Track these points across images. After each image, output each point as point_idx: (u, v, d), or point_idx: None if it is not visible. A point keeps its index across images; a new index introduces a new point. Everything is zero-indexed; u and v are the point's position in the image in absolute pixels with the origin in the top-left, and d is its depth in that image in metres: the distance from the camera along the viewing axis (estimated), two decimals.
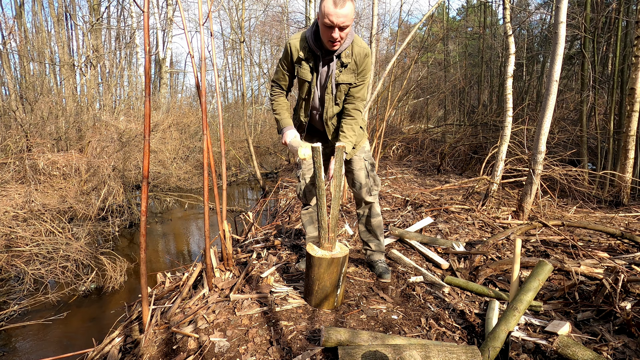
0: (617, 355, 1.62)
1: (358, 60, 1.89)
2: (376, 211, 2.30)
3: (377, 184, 2.24)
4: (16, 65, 9.10)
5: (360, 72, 1.92)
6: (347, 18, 1.69)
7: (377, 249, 2.41)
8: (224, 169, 2.38)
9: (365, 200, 2.23)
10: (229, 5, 10.70)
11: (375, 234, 2.36)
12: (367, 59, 1.90)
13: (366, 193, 2.21)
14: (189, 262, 4.58)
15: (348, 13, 1.68)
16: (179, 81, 20.73)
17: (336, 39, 1.75)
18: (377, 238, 2.38)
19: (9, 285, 3.93)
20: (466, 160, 8.51)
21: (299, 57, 1.93)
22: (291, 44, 1.93)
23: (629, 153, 5.08)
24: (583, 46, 6.44)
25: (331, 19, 1.68)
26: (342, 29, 1.73)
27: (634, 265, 2.55)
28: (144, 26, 1.67)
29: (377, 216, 2.31)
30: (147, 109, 1.74)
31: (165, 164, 7.87)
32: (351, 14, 1.69)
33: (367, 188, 2.20)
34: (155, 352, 1.76)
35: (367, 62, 1.91)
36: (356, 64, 1.90)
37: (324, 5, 1.70)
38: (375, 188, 2.24)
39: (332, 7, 1.67)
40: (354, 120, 1.98)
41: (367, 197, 2.22)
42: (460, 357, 1.47)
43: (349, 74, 1.92)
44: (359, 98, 1.98)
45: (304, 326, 1.78)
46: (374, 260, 2.41)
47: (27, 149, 5.90)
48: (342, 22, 1.69)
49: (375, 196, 2.26)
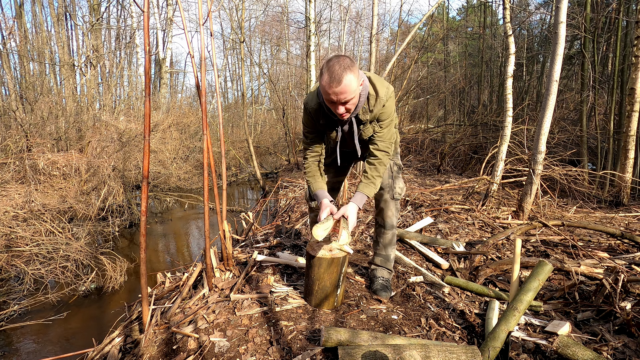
0: (617, 355, 1.62)
1: (377, 111, 1.78)
2: (392, 222, 2.14)
3: (401, 188, 2.09)
4: (16, 65, 9.11)
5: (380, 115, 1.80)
6: (348, 93, 1.56)
7: (381, 265, 2.24)
8: (224, 169, 2.38)
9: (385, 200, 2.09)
10: (229, 5, 10.70)
11: (384, 247, 2.21)
12: (387, 105, 1.77)
13: (388, 195, 2.08)
14: (189, 262, 4.58)
15: (347, 89, 1.54)
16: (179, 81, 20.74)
17: (342, 113, 1.64)
18: (384, 253, 2.22)
19: (9, 285, 3.93)
20: (466, 160, 8.51)
21: (321, 123, 1.86)
22: (310, 111, 1.85)
23: (629, 153, 5.08)
24: (583, 46, 6.44)
25: (331, 97, 1.58)
26: (345, 103, 1.60)
27: (634, 265, 2.55)
28: (144, 26, 1.67)
29: (391, 228, 2.16)
30: (147, 109, 1.74)
31: (165, 164, 7.87)
32: (351, 86, 1.55)
33: (390, 189, 2.08)
34: (155, 352, 1.76)
35: (387, 107, 1.78)
36: (376, 115, 1.79)
37: (322, 81, 1.57)
38: (399, 193, 2.09)
39: (329, 85, 1.54)
40: (378, 161, 1.87)
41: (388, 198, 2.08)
42: (460, 357, 1.47)
43: (369, 127, 1.83)
44: (386, 139, 1.87)
45: (304, 326, 1.78)
46: (376, 276, 2.23)
47: (27, 149, 5.90)
48: (344, 98, 1.57)
49: (395, 202, 2.10)
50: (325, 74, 1.55)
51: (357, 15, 17.10)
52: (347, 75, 1.52)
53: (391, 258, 2.23)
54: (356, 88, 1.59)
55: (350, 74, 1.53)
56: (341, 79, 1.52)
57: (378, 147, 1.86)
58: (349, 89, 1.55)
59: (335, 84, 1.53)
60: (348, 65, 1.53)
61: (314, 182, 1.99)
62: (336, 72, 1.52)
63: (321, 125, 1.89)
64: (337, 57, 1.56)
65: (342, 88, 1.53)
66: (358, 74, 1.59)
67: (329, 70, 1.54)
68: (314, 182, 1.99)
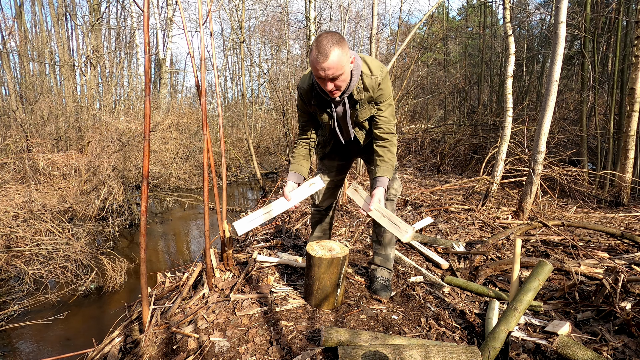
0: (617, 355, 1.62)
1: (374, 91, 1.76)
2: None
3: (396, 189, 2.07)
4: (16, 65, 9.11)
5: (378, 96, 1.79)
6: (336, 68, 1.55)
7: (381, 265, 2.22)
8: (224, 169, 2.38)
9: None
10: (229, 5, 10.70)
11: (383, 247, 2.19)
12: (383, 85, 1.75)
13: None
14: (189, 262, 4.58)
15: (334, 64, 1.53)
16: (179, 81, 20.73)
17: (332, 90, 1.64)
18: (384, 253, 2.21)
19: (9, 285, 3.93)
20: (466, 160, 8.51)
21: (312, 104, 1.86)
22: (302, 92, 1.86)
23: (629, 153, 5.08)
24: (583, 46, 6.44)
25: (319, 73, 1.57)
26: (335, 79, 1.60)
27: (634, 265, 2.55)
28: (144, 26, 1.67)
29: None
30: (147, 109, 1.74)
31: (165, 164, 7.87)
32: (340, 61, 1.53)
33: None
34: (155, 352, 1.76)
35: (384, 88, 1.76)
36: (372, 94, 1.77)
37: (311, 57, 1.57)
38: (394, 194, 2.06)
39: (317, 60, 1.53)
40: (388, 143, 1.87)
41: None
42: (460, 357, 1.47)
43: (366, 108, 1.82)
44: (388, 121, 1.85)
45: (304, 326, 1.78)
46: (376, 276, 2.21)
47: (27, 149, 5.90)
48: (332, 74, 1.56)
49: (391, 203, 2.07)
50: (314, 49, 1.55)
51: (357, 15, 17.10)
52: (335, 49, 1.51)
53: (391, 258, 2.22)
54: (345, 64, 1.57)
55: (338, 49, 1.52)
56: (328, 53, 1.51)
57: (384, 130, 1.86)
58: (337, 64, 1.54)
59: (322, 58, 1.52)
60: (337, 40, 1.53)
61: (293, 162, 2.05)
62: (324, 46, 1.51)
63: (313, 107, 1.88)
64: (326, 32, 1.56)
65: (330, 63, 1.52)
66: (347, 50, 1.57)
67: (317, 46, 1.53)
68: (293, 162, 2.04)
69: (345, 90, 1.73)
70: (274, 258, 2.57)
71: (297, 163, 2.04)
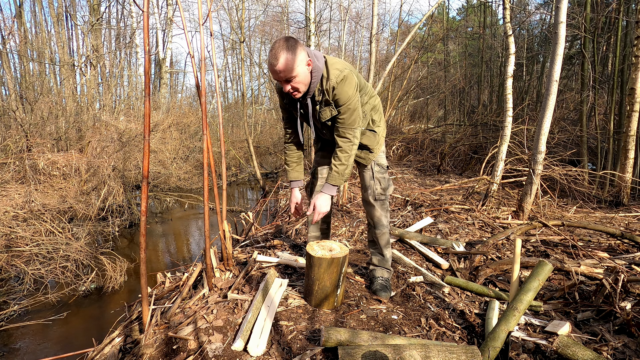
0: (617, 355, 1.62)
1: (329, 94, 1.78)
2: (380, 222, 2.13)
3: (384, 188, 2.09)
4: (16, 65, 9.11)
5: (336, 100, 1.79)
6: (286, 71, 1.61)
7: (379, 265, 2.24)
8: (224, 169, 2.38)
9: (368, 202, 2.12)
10: (229, 5, 10.70)
11: (379, 247, 2.21)
12: (337, 90, 1.76)
13: (370, 196, 2.10)
14: (189, 262, 4.58)
15: (283, 67, 1.60)
16: (179, 81, 20.72)
17: (289, 91, 1.71)
18: (380, 253, 2.22)
19: (9, 285, 3.93)
20: (466, 160, 8.51)
21: (284, 101, 1.95)
22: (278, 91, 1.95)
23: (629, 153, 5.08)
24: (583, 46, 6.44)
25: (273, 76, 1.67)
26: (289, 80, 1.66)
27: (634, 265, 2.55)
28: (143, 26, 1.67)
29: (382, 228, 2.14)
30: (147, 109, 1.74)
31: (165, 164, 7.87)
32: (288, 65, 1.60)
33: (372, 191, 2.09)
34: (155, 352, 1.76)
35: (339, 93, 1.76)
36: (329, 98, 1.80)
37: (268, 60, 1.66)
38: (382, 193, 2.09)
39: (269, 63, 1.63)
40: (339, 149, 1.87)
41: (371, 200, 2.10)
42: (460, 357, 1.47)
43: (326, 110, 1.84)
44: (346, 126, 1.84)
45: (304, 326, 1.78)
46: (375, 276, 2.23)
47: (27, 149, 5.90)
48: (284, 76, 1.64)
49: (381, 203, 2.10)
50: (269, 53, 1.64)
51: (357, 15, 17.11)
52: (284, 54, 1.59)
53: (388, 257, 2.23)
54: (296, 67, 1.63)
55: (287, 54, 1.60)
56: (278, 57, 1.60)
57: (338, 133, 1.89)
58: (286, 67, 1.61)
59: (273, 61, 1.61)
60: (289, 45, 1.61)
61: (289, 170, 2.16)
62: (274, 51, 1.61)
63: (285, 105, 1.98)
64: (281, 38, 1.64)
65: (279, 67, 1.61)
66: (299, 54, 1.63)
67: (271, 50, 1.63)
68: (290, 170, 2.16)
69: (307, 92, 1.79)
70: (274, 258, 2.57)
71: (294, 170, 2.16)
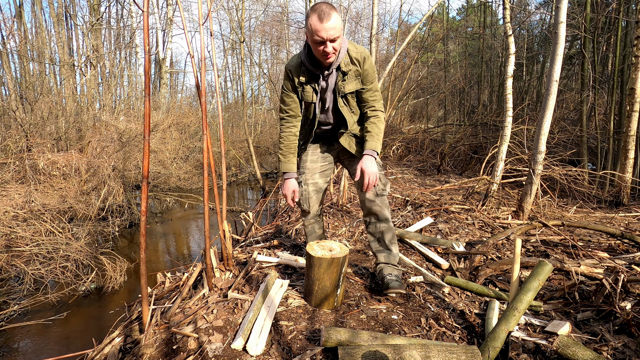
0: (617, 355, 1.62)
1: (359, 64, 1.88)
2: (385, 215, 2.05)
3: (384, 184, 2.03)
4: (16, 65, 9.11)
5: (365, 74, 1.91)
6: (336, 30, 1.69)
7: (386, 262, 2.11)
8: (224, 169, 2.38)
9: (370, 199, 2.03)
10: (228, 5, 10.70)
11: (384, 243, 2.11)
12: (367, 60, 1.88)
13: (371, 193, 2.02)
14: (189, 262, 4.58)
15: (336, 25, 1.68)
16: (179, 81, 20.73)
17: (329, 52, 1.75)
18: (387, 249, 2.12)
19: (9, 285, 3.93)
20: (466, 160, 8.51)
21: (300, 81, 1.93)
22: (290, 69, 1.94)
23: (629, 153, 5.08)
24: (583, 46, 6.44)
25: (320, 34, 1.69)
26: (333, 41, 1.73)
27: (634, 265, 2.55)
28: (143, 26, 1.67)
29: (386, 222, 2.07)
30: (147, 109, 1.74)
31: (165, 164, 7.87)
32: (339, 24, 1.69)
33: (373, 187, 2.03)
34: (155, 352, 1.76)
35: (369, 63, 1.89)
36: (358, 69, 1.89)
37: (310, 23, 1.70)
38: (383, 189, 2.03)
39: (319, 22, 1.67)
40: (377, 119, 1.96)
41: (372, 196, 2.02)
42: (460, 357, 1.47)
43: (353, 81, 1.91)
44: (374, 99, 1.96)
45: (304, 326, 1.79)
46: (384, 275, 2.08)
47: (27, 149, 5.90)
48: (332, 35, 1.70)
49: (383, 198, 2.04)
50: (313, 15, 1.68)
51: (357, 15, 17.08)
52: (334, 13, 1.68)
53: (395, 252, 2.12)
54: (340, 29, 1.72)
55: (336, 12, 1.68)
56: (330, 15, 1.66)
57: (375, 107, 1.97)
58: (337, 25, 1.69)
59: (326, 18, 1.66)
60: (333, 7, 1.70)
61: (284, 161, 2.08)
62: (324, 10, 1.67)
63: (300, 85, 1.96)
64: (322, 2, 1.71)
65: (332, 23, 1.67)
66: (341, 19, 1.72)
67: (317, 11, 1.68)
68: (285, 162, 2.08)
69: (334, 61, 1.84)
70: (274, 258, 2.57)
71: (289, 162, 2.09)
